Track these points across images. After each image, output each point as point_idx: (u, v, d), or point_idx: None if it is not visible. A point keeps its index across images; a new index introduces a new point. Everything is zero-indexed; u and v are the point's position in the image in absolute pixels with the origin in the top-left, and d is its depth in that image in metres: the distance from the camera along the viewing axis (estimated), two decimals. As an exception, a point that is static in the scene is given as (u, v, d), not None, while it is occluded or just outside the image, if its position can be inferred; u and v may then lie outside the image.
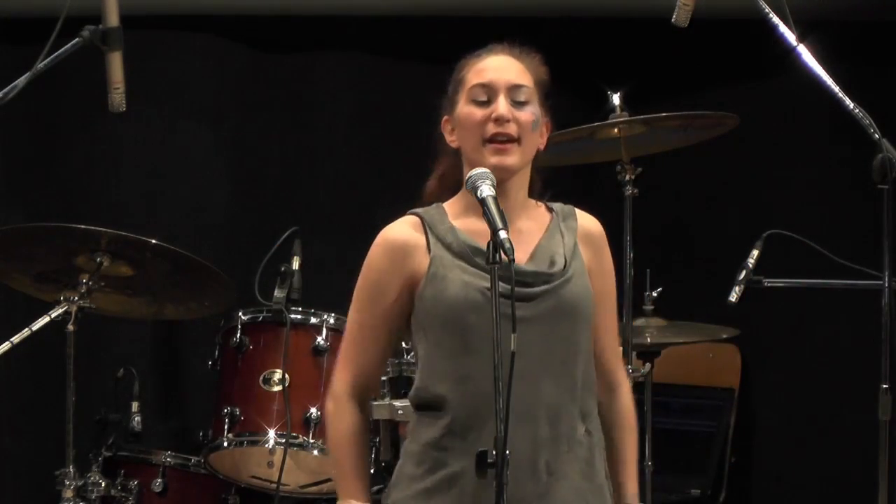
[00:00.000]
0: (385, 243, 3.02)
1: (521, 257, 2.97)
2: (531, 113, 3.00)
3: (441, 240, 2.99)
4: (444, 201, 3.07)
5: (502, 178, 2.96)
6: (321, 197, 5.53)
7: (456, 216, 3.03)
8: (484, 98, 3.00)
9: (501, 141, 2.97)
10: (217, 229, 5.49)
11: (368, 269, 3.02)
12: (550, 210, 3.09)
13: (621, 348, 3.21)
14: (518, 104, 3.00)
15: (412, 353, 3.15)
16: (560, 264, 2.99)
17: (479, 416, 2.90)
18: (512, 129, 2.98)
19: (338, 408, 3.03)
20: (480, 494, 2.87)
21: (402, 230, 3.02)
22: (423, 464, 2.97)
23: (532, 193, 3.07)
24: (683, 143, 4.46)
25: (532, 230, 3.02)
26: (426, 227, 3.01)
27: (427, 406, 2.98)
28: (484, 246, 2.91)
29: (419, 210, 3.05)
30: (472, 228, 3.00)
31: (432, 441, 2.96)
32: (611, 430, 3.09)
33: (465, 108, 3.01)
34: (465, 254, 2.97)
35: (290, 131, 5.57)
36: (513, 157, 2.97)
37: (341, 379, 3.04)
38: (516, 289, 2.87)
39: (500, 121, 2.97)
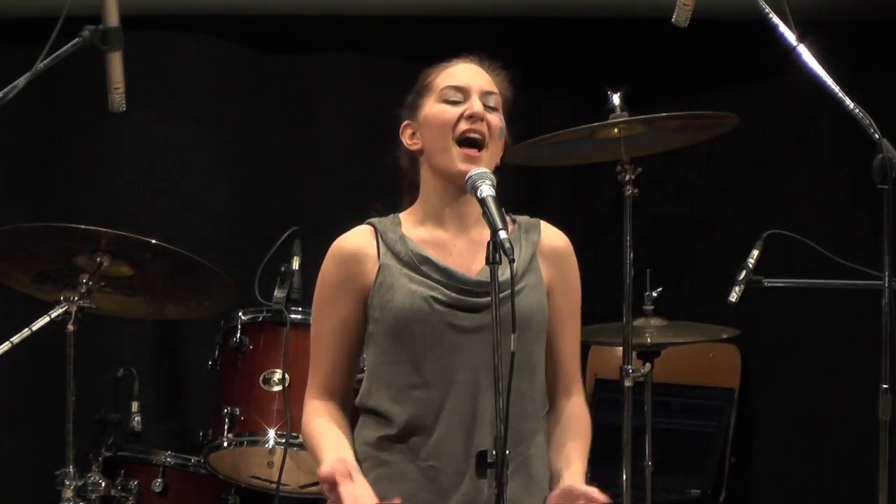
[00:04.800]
0: (336, 253, 3.04)
1: (475, 267, 2.97)
2: (499, 119, 3.02)
3: (391, 248, 3.00)
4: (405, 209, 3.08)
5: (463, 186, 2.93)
6: (321, 197, 5.53)
7: (410, 225, 3.04)
8: (458, 98, 3.01)
9: (472, 141, 2.96)
10: (217, 229, 5.48)
11: (321, 279, 3.04)
12: (513, 222, 3.08)
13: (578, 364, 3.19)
14: (489, 108, 3.02)
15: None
16: (508, 276, 2.94)
17: (422, 426, 2.93)
18: (483, 128, 2.98)
19: (308, 409, 3.04)
20: (420, 494, 2.91)
21: (354, 240, 3.04)
22: (364, 461, 2.98)
23: None
24: (683, 143, 4.46)
25: (487, 240, 2.92)
26: (378, 235, 3.02)
27: (371, 412, 3.00)
28: (433, 255, 2.97)
29: (374, 219, 3.07)
30: (423, 237, 3.01)
31: (373, 442, 2.97)
32: (559, 432, 3.07)
33: (435, 107, 3.02)
34: (412, 263, 2.97)
35: (289, 131, 5.56)
36: (481, 166, 2.95)
37: (309, 390, 3.05)
38: (463, 298, 2.93)
39: (473, 118, 2.97)
